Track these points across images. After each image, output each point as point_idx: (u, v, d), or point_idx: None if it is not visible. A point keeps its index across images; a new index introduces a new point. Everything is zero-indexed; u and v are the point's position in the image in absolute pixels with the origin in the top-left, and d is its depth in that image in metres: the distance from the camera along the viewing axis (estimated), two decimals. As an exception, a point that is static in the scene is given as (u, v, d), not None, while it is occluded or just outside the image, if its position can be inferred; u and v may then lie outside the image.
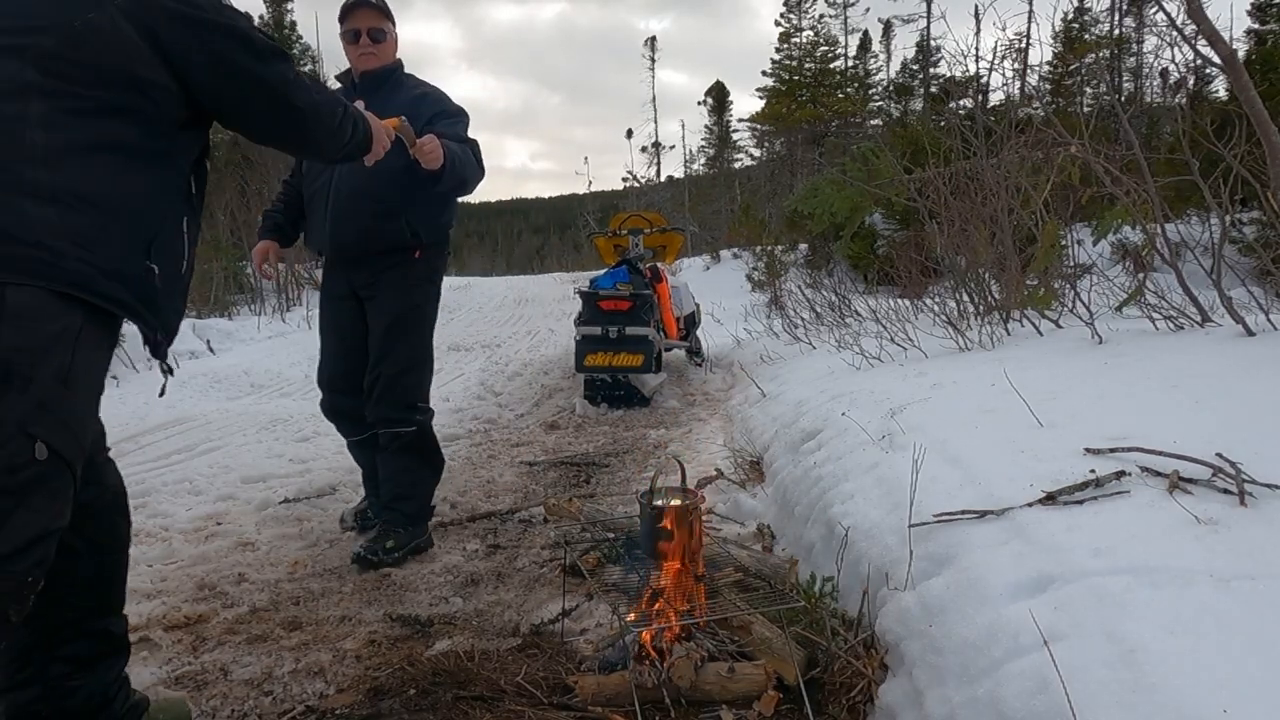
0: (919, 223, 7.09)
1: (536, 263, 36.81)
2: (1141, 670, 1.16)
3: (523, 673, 1.94)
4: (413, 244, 2.85)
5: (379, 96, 2.75)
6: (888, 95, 35.33)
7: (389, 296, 2.85)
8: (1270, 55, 10.31)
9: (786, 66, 34.69)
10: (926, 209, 5.81)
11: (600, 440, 4.74)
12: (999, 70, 37.38)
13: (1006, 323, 4.55)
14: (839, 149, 24.97)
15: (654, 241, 6.83)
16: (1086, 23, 28.17)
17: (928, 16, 32.62)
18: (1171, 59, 12.53)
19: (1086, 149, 4.06)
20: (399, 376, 2.86)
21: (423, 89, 2.92)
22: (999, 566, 1.56)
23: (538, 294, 15.62)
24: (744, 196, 26.32)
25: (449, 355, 8.36)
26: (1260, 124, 3.26)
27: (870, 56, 36.85)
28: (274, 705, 1.88)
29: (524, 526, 3.15)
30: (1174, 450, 1.79)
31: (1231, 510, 1.55)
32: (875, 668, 1.68)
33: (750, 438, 3.97)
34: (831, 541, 2.20)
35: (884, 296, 6.93)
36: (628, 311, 5.55)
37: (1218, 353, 2.86)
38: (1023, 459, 2.02)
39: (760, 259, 11.35)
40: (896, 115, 30.85)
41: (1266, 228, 4.63)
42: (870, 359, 4.41)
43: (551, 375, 6.87)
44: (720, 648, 1.89)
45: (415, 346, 2.92)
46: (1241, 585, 1.30)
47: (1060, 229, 4.71)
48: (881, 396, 3.21)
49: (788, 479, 2.92)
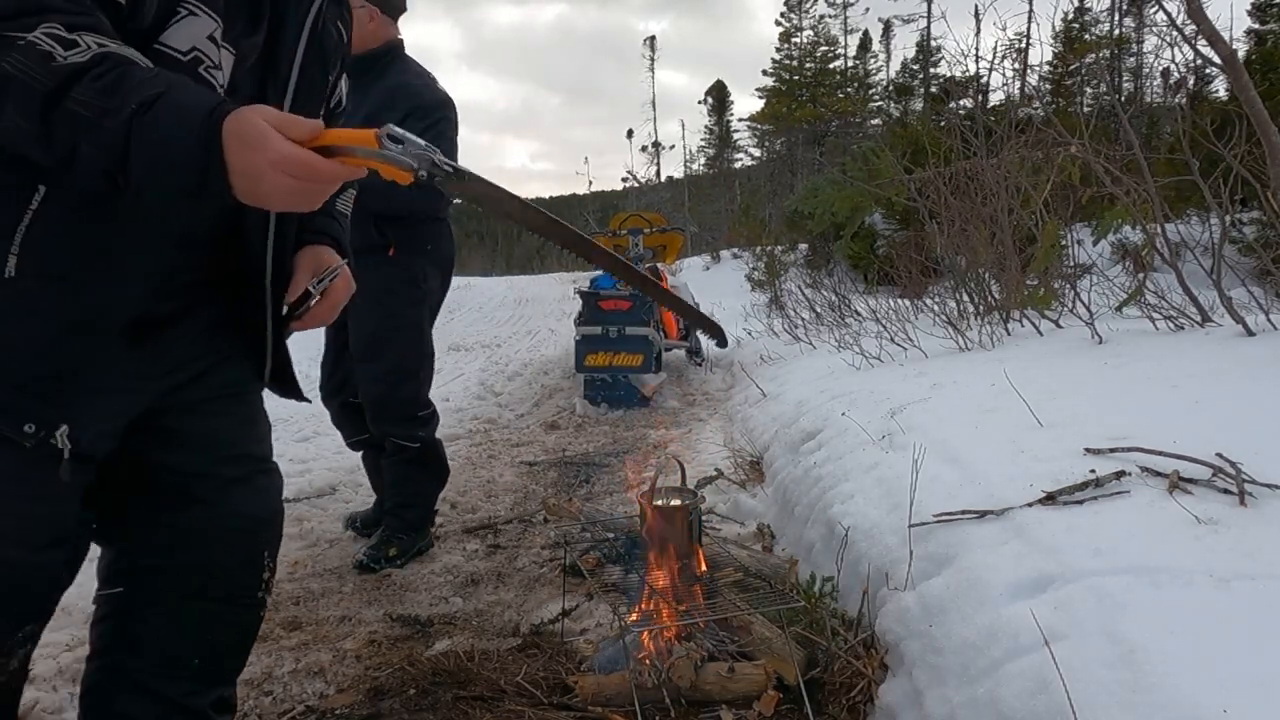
0: (919, 223, 7.09)
1: (536, 262, 36.80)
2: (1141, 670, 1.16)
3: (523, 673, 1.94)
4: (382, 243, 2.68)
5: (364, 83, 2.56)
6: (888, 95, 35.38)
7: (363, 310, 2.48)
8: (1270, 55, 10.31)
9: (786, 66, 34.73)
10: (926, 209, 5.81)
11: (600, 440, 4.74)
12: (999, 70, 37.42)
13: (1006, 323, 4.55)
14: (839, 149, 25.00)
15: (654, 241, 6.84)
16: (1086, 23, 28.20)
17: (928, 16, 32.66)
18: (1171, 59, 12.54)
19: (1086, 149, 4.06)
20: (390, 393, 2.77)
21: (404, 78, 2.69)
22: (999, 566, 1.55)
23: (538, 294, 15.62)
24: (744, 196, 26.35)
25: (449, 355, 8.36)
26: (1260, 124, 3.26)
27: (870, 56, 36.92)
28: (274, 705, 1.88)
29: (524, 526, 3.15)
30: (1174, 450, 1.79)
31: (1231, 510, 1.54)
32: (875, 668, 1.68)
33: (750, 438, 3.97)
34: (831, 541, 2.20)
35: (884, 296, 6.93)
36: (628, 311, 5.56)
37: (1218, 353, 2.86)
38: (1023, 459, 2.02)
39: (760, 259, 11.35)
40: (896, 115, 30.87)
41: (1266, 228, 4.63)
42: (870, 359, 4.41)
43: (551, 375, 6.87)
44: (720, 648, 1.89)
45: (402, 356, 2.78)
46: (1241, 585, 1.30)
47: (1060, 229, 4.71)
48: (881, 396, 3.21)
49: (788, 479, 2.92)
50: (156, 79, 0.91)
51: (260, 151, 0.88)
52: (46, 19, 0.88)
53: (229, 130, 0.89)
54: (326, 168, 0.93)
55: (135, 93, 0.88)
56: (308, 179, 0.92)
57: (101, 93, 0.87)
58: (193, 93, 0.92)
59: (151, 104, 0.87)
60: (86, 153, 0.89)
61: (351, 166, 0.94)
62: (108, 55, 0.90)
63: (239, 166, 0.89)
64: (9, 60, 0.86)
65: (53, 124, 0.88)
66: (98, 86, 0.87)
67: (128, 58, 0.91)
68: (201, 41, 1.03)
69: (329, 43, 1.26)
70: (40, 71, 0.87)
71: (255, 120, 0.89)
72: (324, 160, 0.93)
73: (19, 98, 0.87)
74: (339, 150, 0.94)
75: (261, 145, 0.88)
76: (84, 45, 0.88)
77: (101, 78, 0.88)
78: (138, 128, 0.87)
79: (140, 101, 0.87)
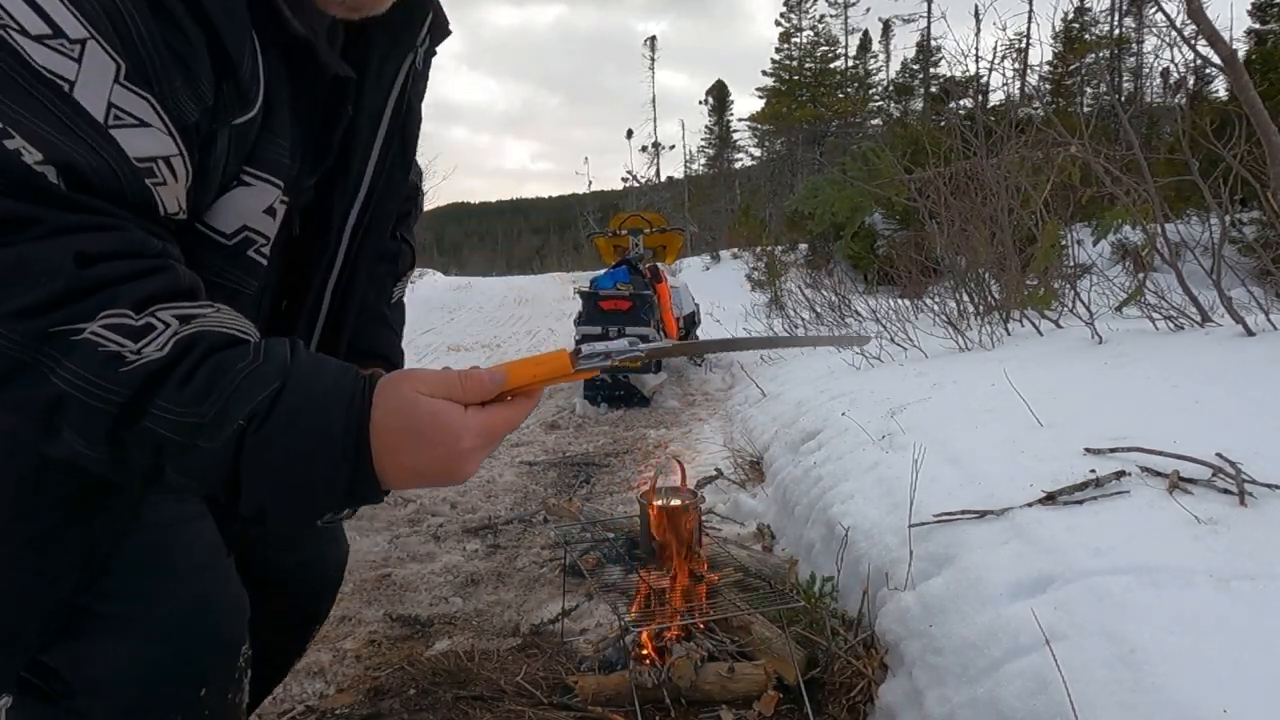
0: (919, 223, 7.09)
1: (536, 263, 36.82)
2: (1141, 670, 1.16)
3: (523, 673, 1.94)
4: None
5: None
6: (888, 95, 35.40)
7: None
8: (1270, 55, 10.31)
9: (787, 66, 34.75)
10: (926, 209, 5.81)
11: (600, 440, 4.74)
12: (999, 70, 37.41)
13: (1006, 323, 4.55)
14: (839, 149, 25.01)
15: (654, 241, 6.84)
16: (1086, 23, 28.21)
17: (928, 16, 32.68)
18: (1171, 59, 12.54)
19: (1086, 149, 4.06)
20: None
21: None
22: (999, 566, 1.55)
23: (538, 294, 15.61)
24: (744, 196, 26.36)
25: (449, 355, 8.36)
26: (1260, 124, 3.27)
27: (870, 56, 36.94)
28: (274, 705, 1.88)
29: (524, 526, 3.15)
30: (1174, 450, 1.79)
31: (1231, 510, 1.54)
32: (875, 668, 1.68)
33: (750, 438, 3.97)
34: (831, 541, 2.20)
35: (884, 296, 6.93)
36: (628, 311, 5.55)
37: (1218, 353, 2.86)
38: (1023, 459, 2.02)
39: (760, 259, 11.35)
40: (896, 115, 30.90)
41: (1266, 228, 4.63)
42: (870, 359, 4.41)
43: (551, 375, 6.86)
44: (720, 648, 1.89)
45: None
46: (1241, 585, 1.30)
47: (1060, 229, 4.71)
48: (881, 396, 3.21)
49: (788, 479, 2.92)
50: (265, 362, 0.66)
51: (448, 445, 0.67)
52: (111, 299, 0.62)
53: (382, 424, 0.66)
54: (519, 418, 0.72)
55: (240, 395, 0.64)
56: (498, 440, 0.72)
57: (192, 400, 0.63)
58: (316, 373, 0.68)
59: (267, 413, 0.64)
60: (177, 481, 0.66)
61: (535, 395, 0.74)
62: (195, 338, 0.65)
63: (410, 464, 0.67)
64: (62, 374, 0.61)
65: (127, 447, 0.64)
66: (187, 393, 0.63)
67: (217, 329, 0.67)
68: (255, 217, 0.79)
69: (412, 127, 0.99)
70: (107, 384, 0.62)
71: (425, 406, 0.67)
72: (517, 408, 0.72)
73: (78, 421, 0.63)
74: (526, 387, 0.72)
75: (450, 438, 0.67)
76: (160, 327, 0.64)
77: (191, 378, 0.64)
78: (250, 451, 0.64)
79: (250, 412, 0.64)
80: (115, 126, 0.64)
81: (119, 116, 0.64)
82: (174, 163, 0.68)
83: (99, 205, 0.64)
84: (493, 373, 0.70)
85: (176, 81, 0.67)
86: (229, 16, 0.69)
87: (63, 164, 0.62)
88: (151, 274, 0.65)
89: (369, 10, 0.83)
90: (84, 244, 0.62)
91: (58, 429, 0.63)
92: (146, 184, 0.67)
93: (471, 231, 66.92)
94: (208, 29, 0.68)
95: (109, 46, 0.63)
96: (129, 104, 0.65)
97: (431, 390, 0.68)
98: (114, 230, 0.65)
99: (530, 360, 0.73)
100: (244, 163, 0.77)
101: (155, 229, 0.68)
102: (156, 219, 0.69)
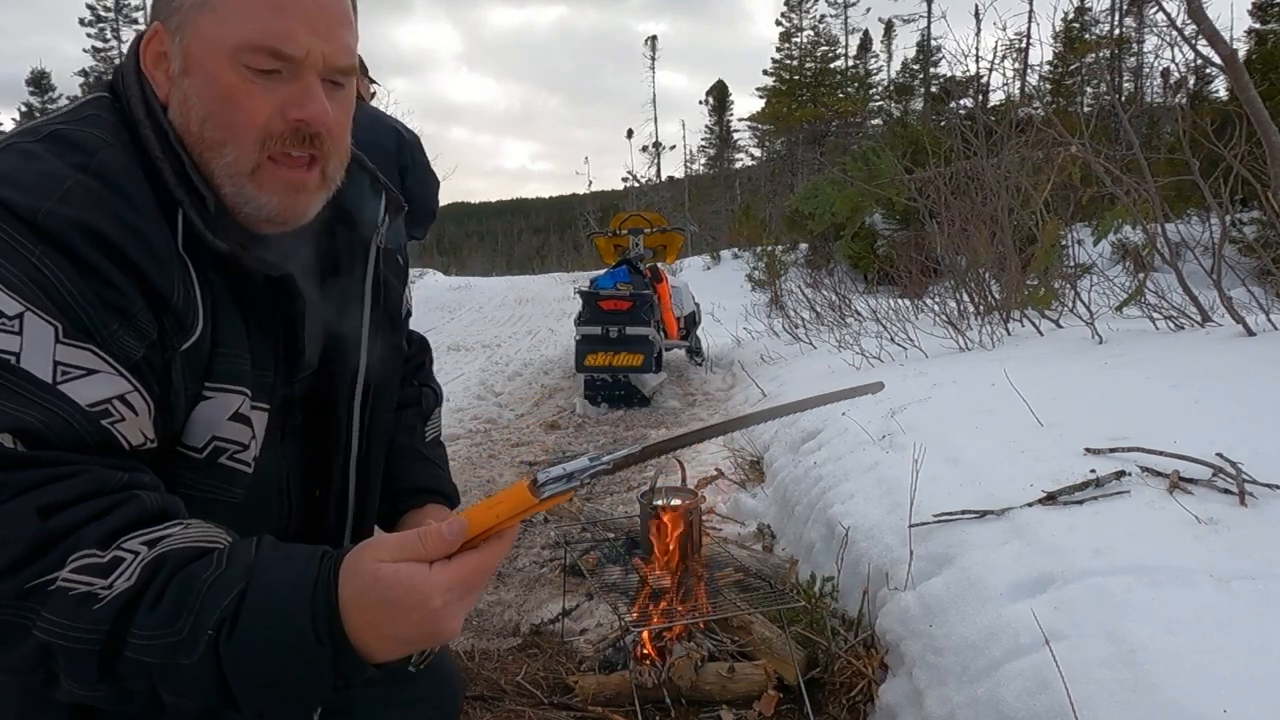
0: (919, 223, 7.09)
1: (537, 262, 36.81)
2: (1141, 670, 1.16)
3: (523, 673, 1.94)
4: None
5: None
6: (888, 95, 35.41)
7: None
8: (1270, 55, 10.31)
9: (787, 66, 34.75)
10: (927, 209, 5.81)
11: (600, 440, 4.74)
12: (999, 70, 37.45)
13: (1007, 323, 4.55)
14: (839, 149, 25.01)
15: (654, 241, 6.84)
16: (1086, 23, 28.20)
17: (928, 16, 32.69)
18: (1172, 59, 12.53)
19: (1087, 149, 4.06)
20: None
21: None
22: (999, 566, 1.56)
23: (538, 294, 15.60)
24: (744, 196, 26.37)
25: (449, 355, 8.36)
26: (1260, 124, 3.27)
27: (870, 56, 36.94)
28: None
29: (524, 526, 3.15)
30: (1174, 450, 1.79)
31: (1231, 510, 1.54)
32: (875, 667, 1.68)
33: (750, 438, 3.97)
34: (831, 541, 2.20)
35: (884, 296, 6.93)
36: (628, 311, 5.55)
37: (1218, 353, 2.86)
38: (1023, 459, 2.02)
39: (760, 259, 11.35)
40: (897, 115, 30.88)
41: (1266, 228, 4.63)
42: (870, 359, 4.41)
43: (551, 375, 6.87)
44: (720, 648, 1.89)
45: None
46: (1241, 585, 1.30)
47: (1060, 229, 4.72)
48: (882, 396, 3.21)
49: (788, 479, 2.92)
50: (228, 568, 0.67)
51: (421, 608, 0.66)
52: (76, 543, 0.66)
53: (352, 602, 0.66)
54: (493, 562, 0.71)
55: (208, 605, 0.65)
56: (477, 589, 0.71)
57: (165, 620, 0.65)
58: (280, 566, 0.68)
59: (235, 616, 0.65)
60: (173, 701, 0.67)
61: (508, 534, 0.73)
62: (161, 559, 0.67)
63: (390, 633, 0.67)
64: (42, 626, 0.64)
65: (121, 679, 0.66)
66: (158, 615, 0.65)
67: (183, 545, 0.69)
68: (222, 426, 0.82)
69: (394, 305, 1.04)
70: (84, 625, 0.64)
71: (388, 574, 0.66)
72: (488, 553, 0.71)
73: (68, 666, 0.65)
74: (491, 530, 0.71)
75: (420, 600, 0.66)
76: (129, 557, 0.66)
77: (161, 598, 0.65)
78: (227, 658, 0.65)
79: (218, 620, 0.65)
80: (64, 381, 0.69)
81: (66, 371, 0.69)
82: (130, 398, 0.73)
83: (58, 457, 0.68)
84: (451, 524, 0.70)
85: (114, 326, 0.72)
86: (153, 257, 0.74)
87: (15, 430, 0.67)
88: (115, 509, 0.69)
89: (295, 223, 0.87)
90: (44, 497, 0.66)
91: (55, 677, 0.66)
92: (103, 425, 0.71)
93: (471, 231, 66.98)
94: (134, 273, 0.73)
95: (43, 313, 0.68)
96: (73, 358, 0.70)
97: (392, 555, 0.67)
98: (74, 477, 0.68)
99: (489, 502, 0.72)
100: (202, 380, 0.81)
101: (121, 463, 0.72)
102: (121, 454, 0.73)
